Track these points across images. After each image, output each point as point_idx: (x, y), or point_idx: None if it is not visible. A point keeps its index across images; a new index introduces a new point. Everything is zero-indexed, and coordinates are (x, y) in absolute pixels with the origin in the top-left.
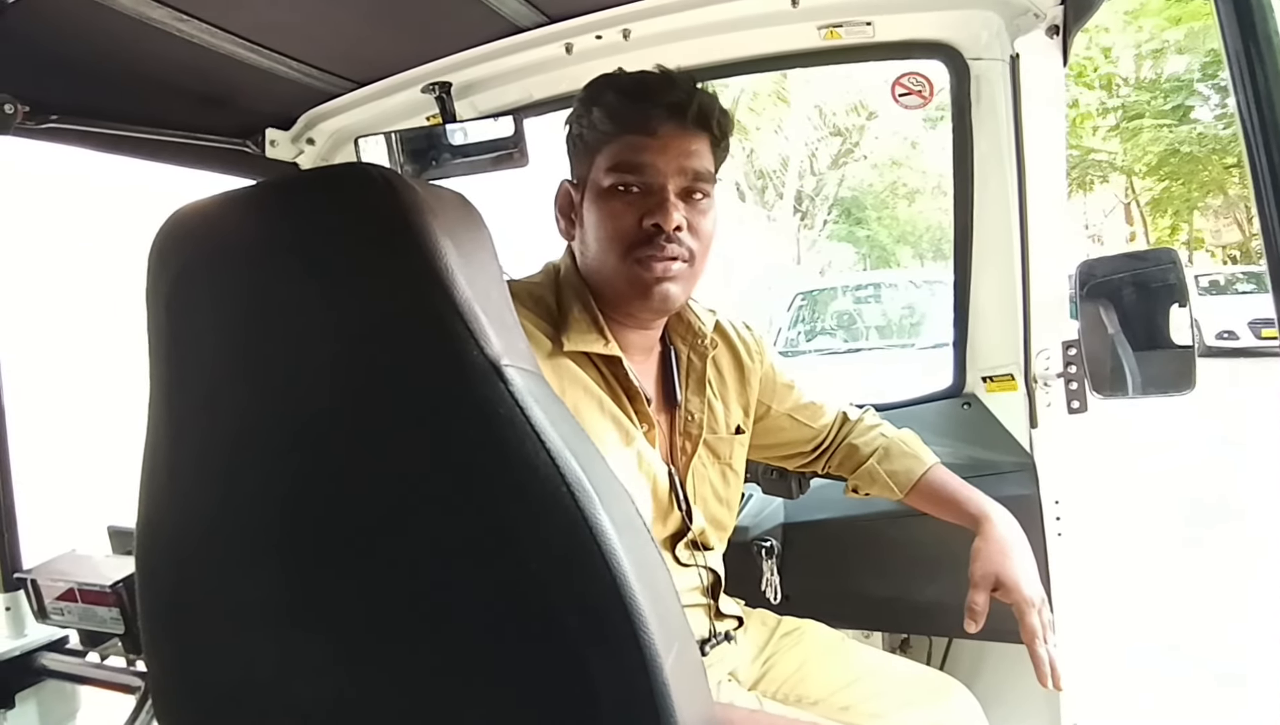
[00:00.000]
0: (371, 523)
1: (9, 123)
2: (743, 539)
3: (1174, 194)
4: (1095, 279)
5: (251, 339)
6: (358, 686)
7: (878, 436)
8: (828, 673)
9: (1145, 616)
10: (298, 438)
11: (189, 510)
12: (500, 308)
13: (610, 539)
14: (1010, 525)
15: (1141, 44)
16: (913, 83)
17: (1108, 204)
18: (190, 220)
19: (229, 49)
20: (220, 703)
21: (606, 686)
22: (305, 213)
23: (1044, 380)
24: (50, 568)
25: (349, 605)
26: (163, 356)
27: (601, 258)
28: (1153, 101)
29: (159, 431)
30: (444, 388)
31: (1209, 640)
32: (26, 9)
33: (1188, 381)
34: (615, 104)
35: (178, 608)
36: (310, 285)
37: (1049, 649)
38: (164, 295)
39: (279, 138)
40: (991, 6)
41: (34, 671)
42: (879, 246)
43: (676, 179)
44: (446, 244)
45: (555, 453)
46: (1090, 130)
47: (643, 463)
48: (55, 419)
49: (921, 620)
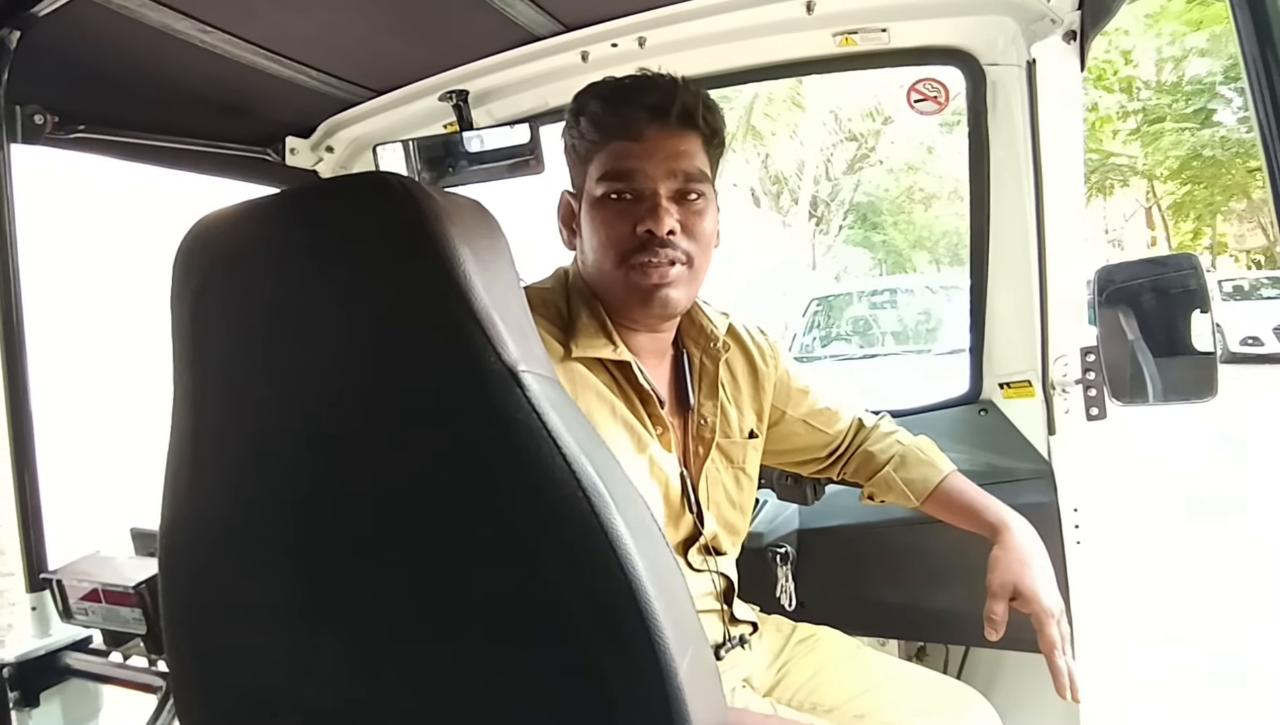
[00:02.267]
0: (387, 526)
1: (39, 133)
2: (757, 545)
3: (1196, 198)
4: (1114, 285)
5: (272, 343)
6: (372, 687)
7: (894, 443)
8: (843, 680)
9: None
10: (316, 441)
11: (209, 512)
12: (517, 314)
13: (625, 543)
14: (1029, 534)
15: (1162, 47)
16: (928, 88)
17: (1128, 208)
18: (213, 228)
19: (251, 59)
20: (239, 702)
21: (621, 690)
22: (326, 220)
23: (1062, 387)
24: (75, 569)
25: (364, 607)
26: (186, 361)
27: (599, 266)
28: (1174, 105)
29: (182, 435)
30: (461, 393)
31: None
32: (57, 23)
33: (1209, 388)
34: (599, 112)
35: (197, 608)
36: (330, 291)
37: (1067, 660)
38: (188, 301)
39: (299, 145)
40: (1008, 12)
41: (58, 671)
42: (895, 252)
43: (667, 182)
44: (465, 251)
45: (571, 458)
46: (1110, 134)
47: (655, 467)
48: (75, 423)
49: (938, 628)
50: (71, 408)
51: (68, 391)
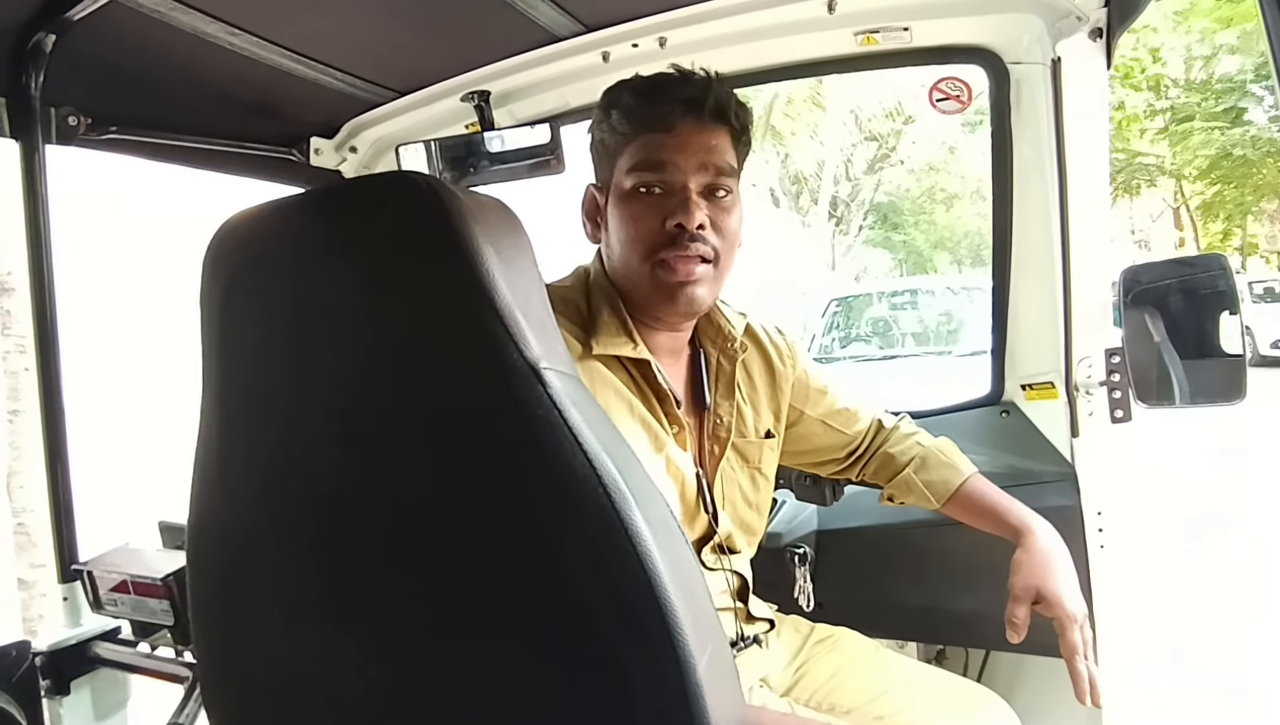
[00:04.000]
0: (411, 520)
1: (73, 134)
2: (776, 545)
3: (1226, 198)
4: (1140, 285)
5: (299, 340)
6: (395, 678)
7: (914, 445)
8: (862, 681)
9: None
10: (342, 437)
11: (237, 506)
12: (540, 312)
13: (645, 540)
14: (1052, 538)
15: (1192, 45)
16: (950, 88)
17: (1155, 208)
18: (242, 227)
19: (278, 61)
20: (264, 692)
21: (641, 685)
22: (352, 219)
23: (1086, 388)
24: (104, 560)
25: (389, 599)
26: (215, 358)
27: (626, 260)
28: (1203, 103)
29: (210, 430)
30: (485, 389)
31: None
32: (90, 27)
33: (1238, 391)
34: (632, 104)
35: (225, 600)
36: (356, 289)
37: (1089, 665)
38: (216, 299)
39: (323, 146)
40: (1032, 10)
41: (89, 660)
42: (916, 252)
43: (698, 176)
44: (488, 250)
45: (592, 454)
46: (1138, 133)
47: (671, 465)
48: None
49: (958, 631)
50: (101, 407)
51: (97, 392)
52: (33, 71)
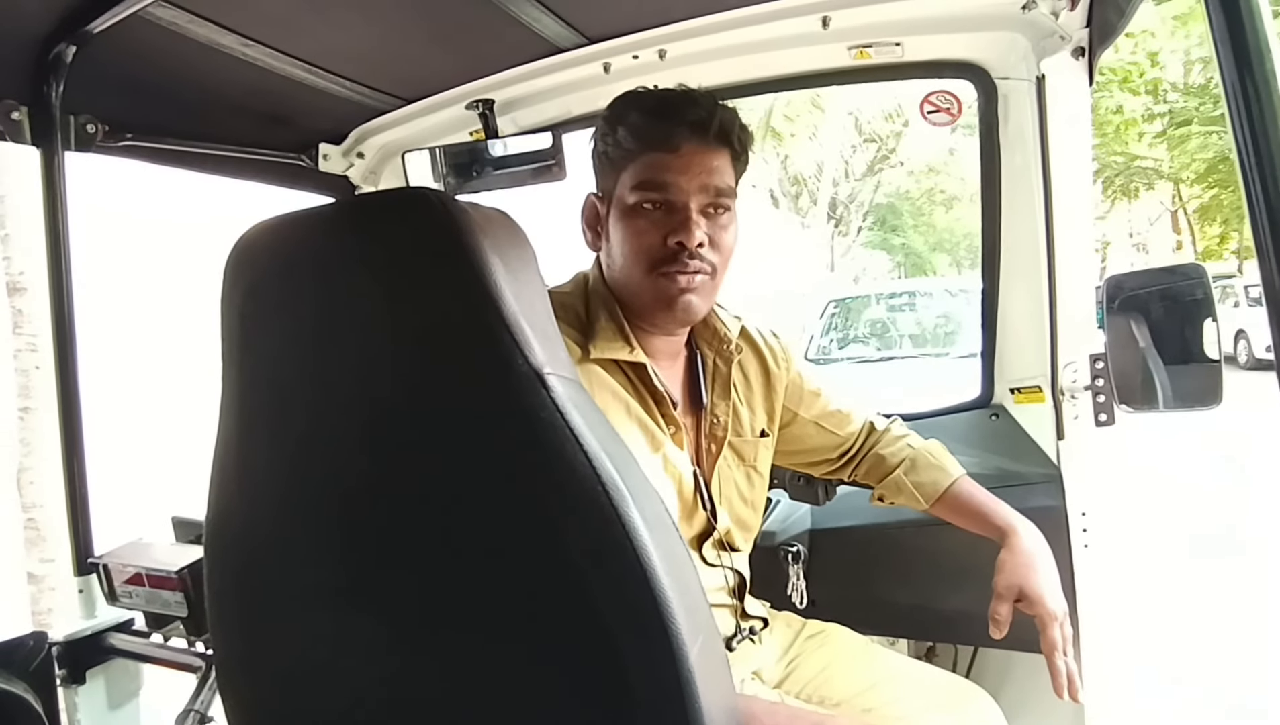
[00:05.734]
0: (424, 516)
1: (91, 141)
2: (770, 544)
3: (1224, 202)
4: (1124, 293)
5: (318, 345)
6: (407, 667)
7: (904, 447)
8: (851, 675)
9: None
10: (359, 437)
11: (257, 501)
12: (543, 320)
13: (641, 535)
14: (1035, 538)
15: (1190, 49)
16: (941, 100)
17: (1153, 212)
18: (263, 237)
19: (289, 70)
20: (279, 679)
21: (637, 671)
22: (369, 231)
23: (1071, 393)
24: (119, 554)
25: (401, 591)
26: (235, 361)
27: (627, 271)
28: (1201, 107)
29: (230, 429)
30: (492, 393)
31: None
32: (110, 39)
33: (1215, 396)
34: (639, 122)
35: (243, 591)
36: (373, 297)
37: (1068, 661)
38: (237, 305)
39: (331, 152)
40: (1018, 28)
41: (103, 650)
42: (914, 254)
43: (699, 196)
44: (495, 261)
45: (592, 455)
46: (1135, 137)
47: (669, 464)
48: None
49: (947, 628)
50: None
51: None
52: (54, 81)
